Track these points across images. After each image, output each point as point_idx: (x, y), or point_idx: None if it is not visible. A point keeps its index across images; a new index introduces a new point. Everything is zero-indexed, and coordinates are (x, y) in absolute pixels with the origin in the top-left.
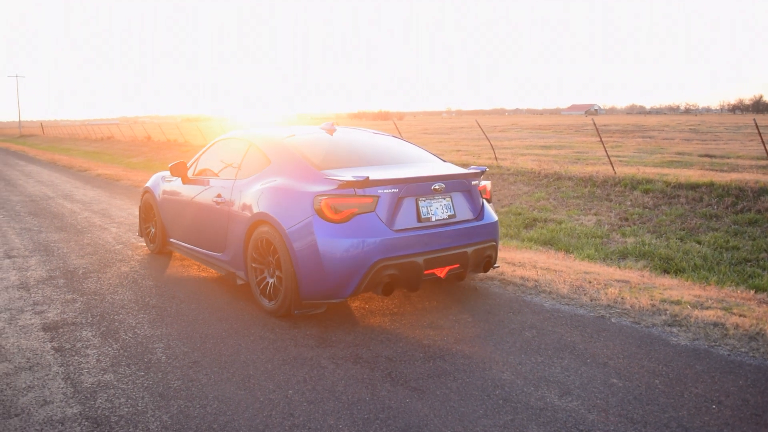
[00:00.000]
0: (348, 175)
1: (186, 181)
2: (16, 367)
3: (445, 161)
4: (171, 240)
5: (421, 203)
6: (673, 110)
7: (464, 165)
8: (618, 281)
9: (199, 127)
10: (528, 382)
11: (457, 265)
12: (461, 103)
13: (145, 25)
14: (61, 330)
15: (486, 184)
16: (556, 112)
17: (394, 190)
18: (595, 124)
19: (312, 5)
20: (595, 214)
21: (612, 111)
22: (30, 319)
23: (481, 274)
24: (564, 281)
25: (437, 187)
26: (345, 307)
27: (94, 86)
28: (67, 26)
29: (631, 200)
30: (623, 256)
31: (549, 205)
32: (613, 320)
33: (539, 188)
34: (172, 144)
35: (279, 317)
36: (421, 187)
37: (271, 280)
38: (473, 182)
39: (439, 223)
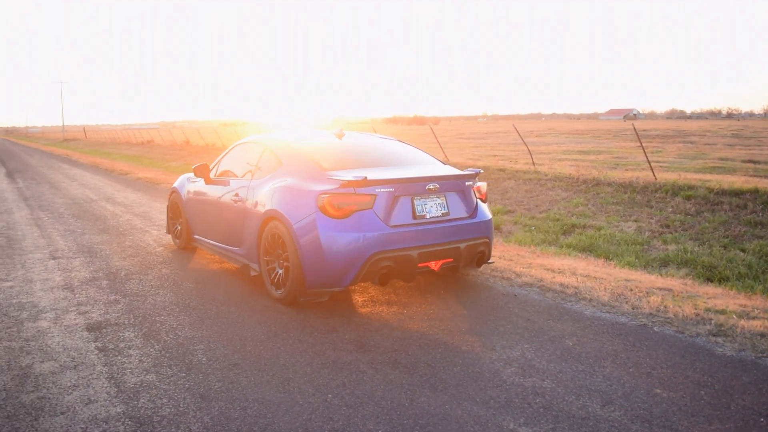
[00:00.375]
0: (350, 176)
1: (208, 181)
2: (61, 366)
3: (444, 164)
4: (195, 236)
5: (416, 201)
6: (715, 115)
7: (501, 170)
8: (660, 289)
9: (236, 132)
10: (569, 390)
11: (451, 259)
12: (497, 108)
13: (184, 31)
14: (105, 330)
15: (481, 185)
16: (593, 116)
17: (390, 189)
18: (635, 128)
19: (344, 10)
20: (636, 221)
21: (651, 115)
22: (74, 319)
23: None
24: (605, 289)
25: (432, 187)
26: (383, 311)
27: (135, 91)
28: (108, 32)
29: (672, 207)
30: (665, 263)
31: (588, 211)
32: (655, 329)
33: (577, 194)
34: (210, 148)
35: (286, 305)
36: (416, 186)
37: (280, 271)
38: (467, 183)
39: (433, 220)
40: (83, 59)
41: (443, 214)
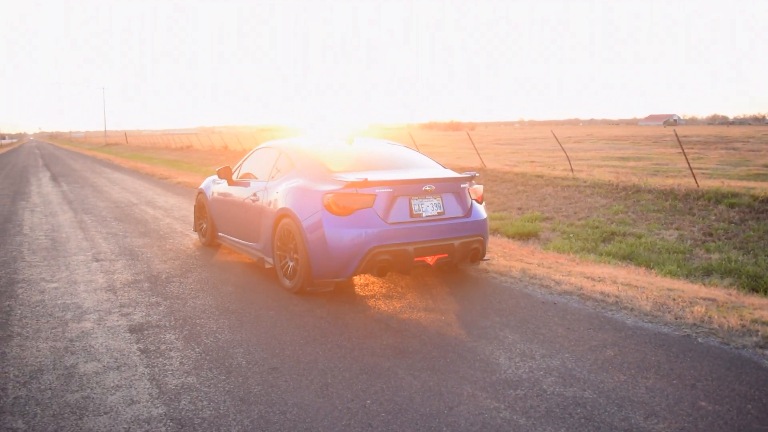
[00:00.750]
0: (353, 177)
1: (231, 183)
2: (104, 366)
3: (444, 167)
4: (219, 234)
5: (413, 201)
6: (758, 120)
7: (539, 176)
8: (704, 299)
9: (273, 137)
10: (611, 401)
11: (445, 255)
12: (534, 114)
13: (223, 39)
14: (146, 332)
15: (478, 187)
16: (632, 122)
17: (389, 190)
18: (676, 134)
19: (378, 16)
20: (677, 229)
21: (692, 121)
22: (117, 320)
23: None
24: (646, 298)
25: (428, 188)
26: (421, 317)
27: (175, 97)
28: (150, 39)
29: (715, 215)
30: (708, 272)
31: (628, 219)
32: (699, 340)
33: (617, 201)
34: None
35: (295, 293)
36: (413, 188)
37: (291, 264)
38: (462, 185)
39: (429, 218)
40: (125, 66)
41: (438, 213)
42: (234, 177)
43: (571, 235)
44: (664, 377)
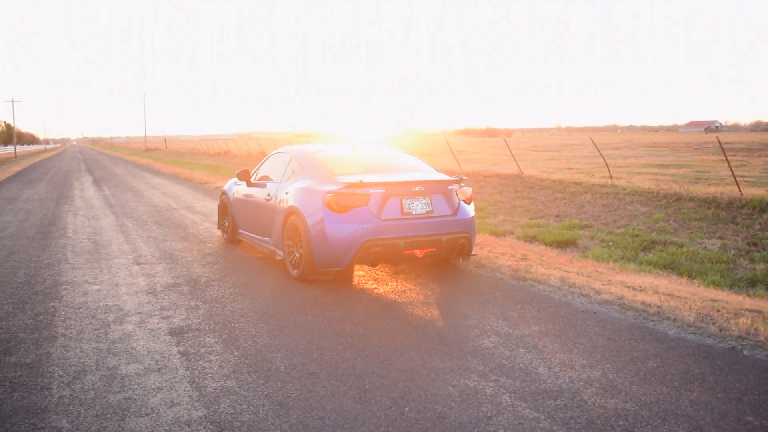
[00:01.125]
0: (352, 179)
1: (249, 184)
2: (146, 368)
3: (436, 171)
4: (239, 231)
5: (404, 201)
6: None
7: (577, 183)
8: (749, 311)
9: (309, 143)
10: (654, 414)
11: (433, 249)
12: (571, 120)
13: (261, 47)
14: (186, 335)
15: (467, 189)
16: (672, 128)
17: (382, 191)
18: (719, 141)
19: (411, 23)
20: (720, 238)
21: (735, 128)
22: (158, 323)
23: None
24: (689, 308)
25: (417, 189)
26: (458, 324)
27: (213, 103)
28: (188, 46)
29: (760, 224)
30: (752, 283)
31: (669, 227)
32: (745, 353)
33: (657, 209)
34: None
35: (300, 281)
36: (404, 189)
37: (297, 255)
38: (450, 187)
39: (418, 216)
40: (165, 72)
41: (427, 212)
42: (252, 179)
43: (611, 243)
44: (709, 390)
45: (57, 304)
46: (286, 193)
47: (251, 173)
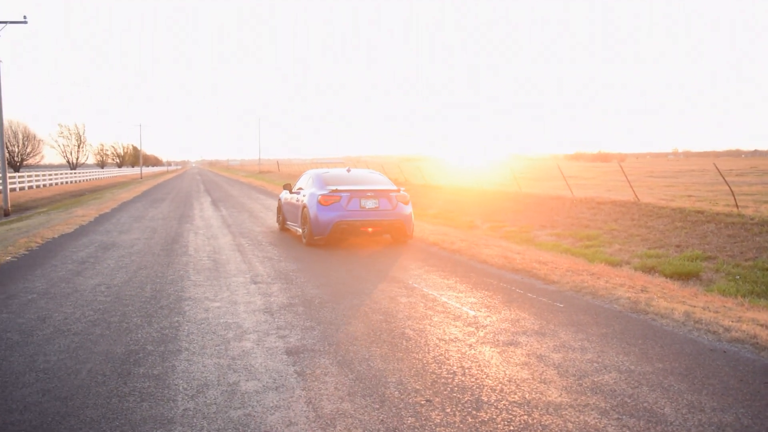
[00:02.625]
0: (334, 188)
1: (290, 192)
2: (264, 386)
3: (391, 184)
4: (287, 223)
5: (361, 200)
6: None
7: (699, 212)
8: None
9: (419, 167)
10: None
11: (378, 228)
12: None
13: (368, 74)
14: (302, 355)
15: (405, 194)
16: None
17: (348, 194)
18: None
19: (519, 48)
20: None
21: None
22: (274, 342)
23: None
24: None
25: (369, 194)
26: (576, 358)
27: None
28: (300, 75)
29: None
30: None
31: None
32: None
33: None
34: (393, 182)
35: (307, 246)
36: (361, 193)
37: (306, 229)
38: (391, 194)
39: (369, 209)
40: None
41: (375, 207)
42: (293, 190)
43: (738, 276)
44: None
45: (181, 319)
46: (303, 196)
47: (292, 186)
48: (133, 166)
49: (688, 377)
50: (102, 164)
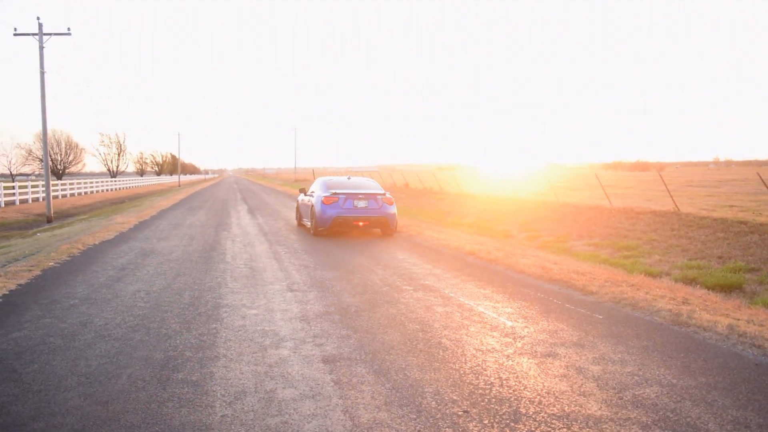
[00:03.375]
0: (334, 191)
1: (305, 195)
2: (301, 394)
3: (380, 189)
4: (303, 220)
5: (354, 201)
6: None
7: (742, 222)
8: None
9: (454, 176)
10: None
11: (366, 223)
12: (731, 152)
13: (403, 81)
14: (338, 364)
15: (390, 197)
16: None
17: (344, 196)
18: None
19: (557, 56)
20: None
21: None
22: (311, 350)
23: None
24: None
25: (361, 196)
26: (618, 369)
27: (357, 135)
28: (334, 83)
29: None
30: None
31: None
32: None
33: None
34: (428, 191)
35: (313, 235)
36: (355, 195)
37: (312, 223)
38: (378, 197)
39: (360, 208)
40: (314, 106)
41: (365, 206)
42: (307, 192)
43: None
44: None
45: (218, 326)
46: (312, 198)
47: (306, 190)
48: (171, 174)
49: (732, 392)
50: (141, 172)
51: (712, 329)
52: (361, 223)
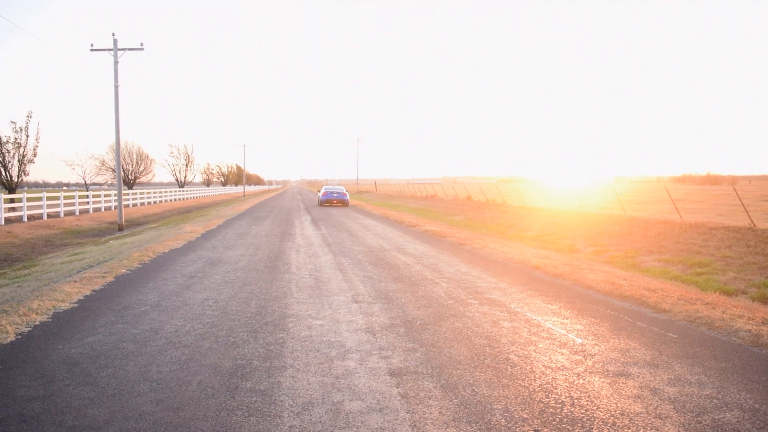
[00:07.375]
0: (325, 190)
1: (318, 192)
2: (368, 407)
3: (344, 189)
4: (319, 203)
5: (332, 194)
6: None
7: None
8: None
9: (517, 188)
10: None
11: (337, 203)
12: None
13: (467, 94)
14: (405, 377)
15: (347, 193)
16: None
17: (330, 192)
18: None
19: (621, 67)
20: None
21: None
22: (377, 362)
23: None
24: None
25: (335, 194)
26: (696, 392)
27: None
28: (397, 95)
29: None
30: None
31: None
32: None
33: None
34: (491, 204)
35: (318, 205)
36: (332, 191)
37: (317, 201)
38: (345, 194)
39: (334, 197)
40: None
41: (338, 196)
42: (320, 192)
43: None
44: None
45: (285, 335)
46: (319, 194)
47: (319, 190)
48: (236, 185)
49: None
50: (207, 183)
51: None
52: (335, 202)
